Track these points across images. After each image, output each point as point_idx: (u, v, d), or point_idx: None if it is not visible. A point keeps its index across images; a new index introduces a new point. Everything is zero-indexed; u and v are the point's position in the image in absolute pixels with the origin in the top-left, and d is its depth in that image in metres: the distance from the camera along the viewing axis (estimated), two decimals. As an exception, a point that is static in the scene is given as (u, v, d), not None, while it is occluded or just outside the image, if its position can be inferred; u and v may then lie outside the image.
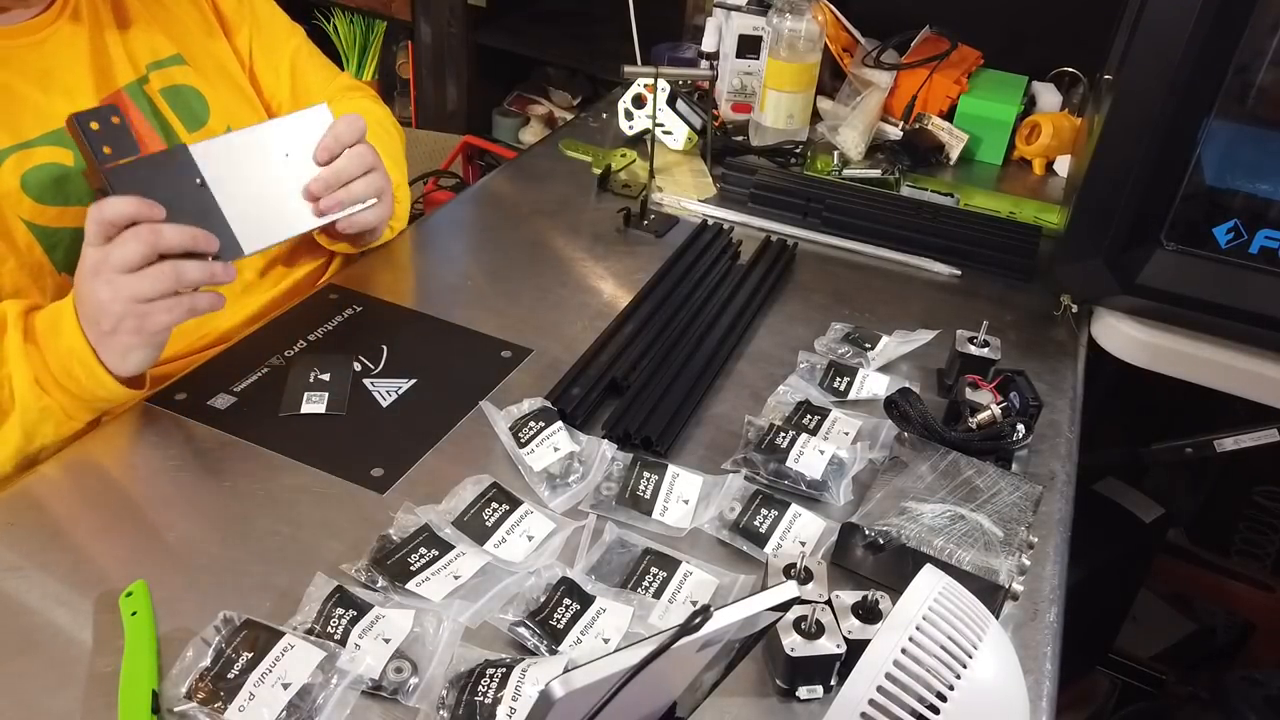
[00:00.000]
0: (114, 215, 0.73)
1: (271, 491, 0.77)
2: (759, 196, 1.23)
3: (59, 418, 0.78)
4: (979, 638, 0.54)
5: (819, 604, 0.63)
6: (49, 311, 0.78)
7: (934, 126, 1.40)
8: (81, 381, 0.77)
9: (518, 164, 1.38)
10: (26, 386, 0.76)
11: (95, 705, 0.60)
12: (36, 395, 0.76)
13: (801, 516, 0.77)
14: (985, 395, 0.83)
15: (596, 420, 0.86)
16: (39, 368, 0.76)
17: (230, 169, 0.81)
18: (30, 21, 0.85)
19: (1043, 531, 0.78)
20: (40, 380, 0.76)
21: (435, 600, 0.68)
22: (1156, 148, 0.91)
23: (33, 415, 0.77)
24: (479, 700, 0.60)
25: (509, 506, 0.76)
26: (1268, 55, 0.87)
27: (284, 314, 0.97)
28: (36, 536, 0.71)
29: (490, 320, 0.98)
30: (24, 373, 0.76)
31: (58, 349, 0.76)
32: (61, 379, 0.77)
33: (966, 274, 1.14)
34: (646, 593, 0.70)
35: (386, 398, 0.87)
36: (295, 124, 0.87)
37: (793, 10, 1.28)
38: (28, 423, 0.77)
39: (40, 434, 0.78)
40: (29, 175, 0.83)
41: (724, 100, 1.42)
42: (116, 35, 0.90)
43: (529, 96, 2.63)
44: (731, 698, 0.64)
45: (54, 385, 0.77)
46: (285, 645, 0.61)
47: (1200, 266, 0.95)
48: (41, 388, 0.76)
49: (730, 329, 0.97)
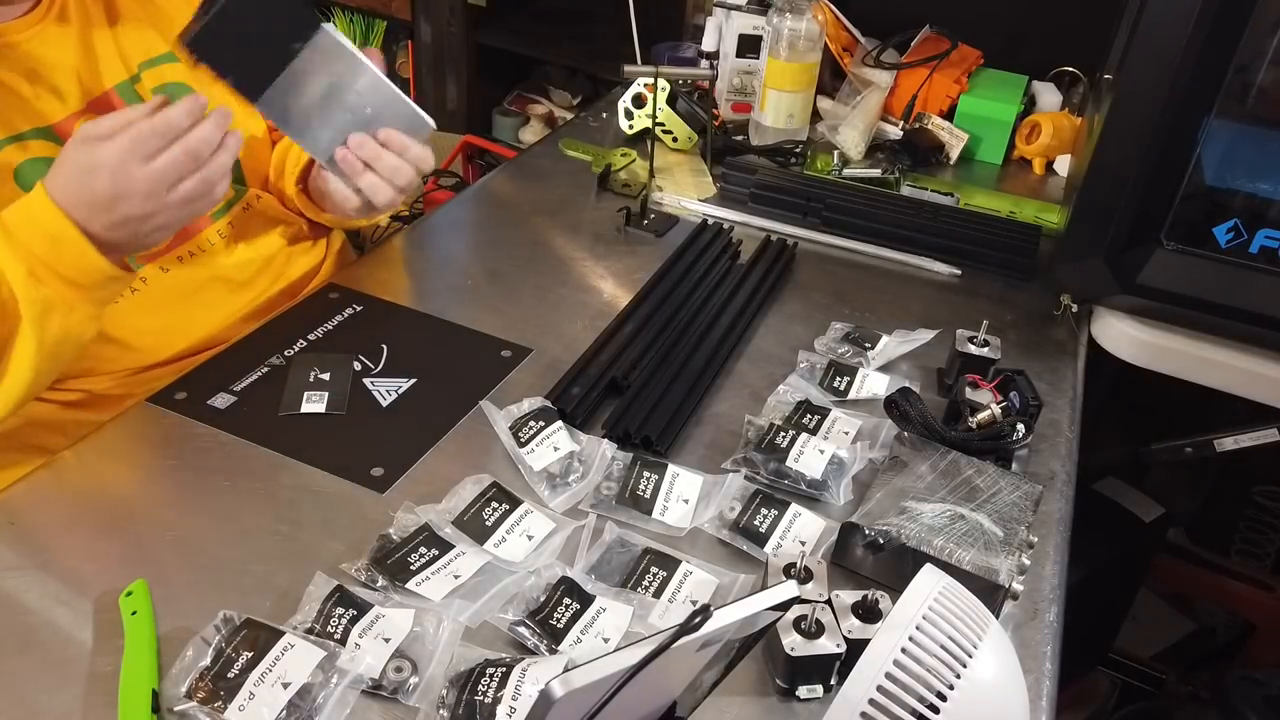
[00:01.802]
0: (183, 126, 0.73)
1: (271, 491, 0.77)
2: (759, 196, 1.23)
3: (62, 309, 0.76)
4: (979, 637, 0.54)
5: (819, 604, 0.63)
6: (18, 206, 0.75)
7: (934, 126, 1.40)
8: (72, 265, 0.75)
9: (518, 163, 1.38)
10: (22, 280, 0.74)
11: (95, 704, 0.60)
12: (34, 285, 0.74)
13: (801, 516, 0.77)
14: (985, 395, 0.83)
15: (596, 420, 0.86)
16: (30, 260, 0.74)
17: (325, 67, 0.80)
18: (15, 22, 0.84)
19: (1043, 531, 0.78)
20: (34, 272, 0.74)
21: (435, 600, 0.68)
22: (1156, 148, 0.91)
23: (36, 309, 0.75)
24: (479, 700, 0.60)
25: (509, 506, 0.76)
26: (1268, 55, 0.87)
27: (284, 313, 0.97)
28: (36, 536, 0.71)
29: (490, 320, 0.98)
30: (15, 267, 0.74)
31: (42, 236, 0.74)
32: (55, 265, 0.74)
33: (966, 274, 1.14)
34: (646, 592, 0.70)
35: (386, 397, 0.87)
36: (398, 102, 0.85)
37: (793, 10, 1.28)
38: (33, 317, 0.75)
39: (49, 328, 0.76)
40: (24, 168, 0.83)
41: (724, 100, 1.42)
42: (108, 34, 0.90)
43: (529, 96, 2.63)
44: (731, 697, 0.64)
45: (49, 274, 0.74)
46: (285, 645, 0.61)
47: (1200, 266, 0.95)
48: (37, 279, 0.74)
49: (730, 329, 0.97)
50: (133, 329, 0.91)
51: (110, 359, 0.91)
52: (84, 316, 0.78)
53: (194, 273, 0.96)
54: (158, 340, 0.93)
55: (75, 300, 0.76)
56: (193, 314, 0.96)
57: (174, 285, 0.94)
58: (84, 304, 0.77)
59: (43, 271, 0.74)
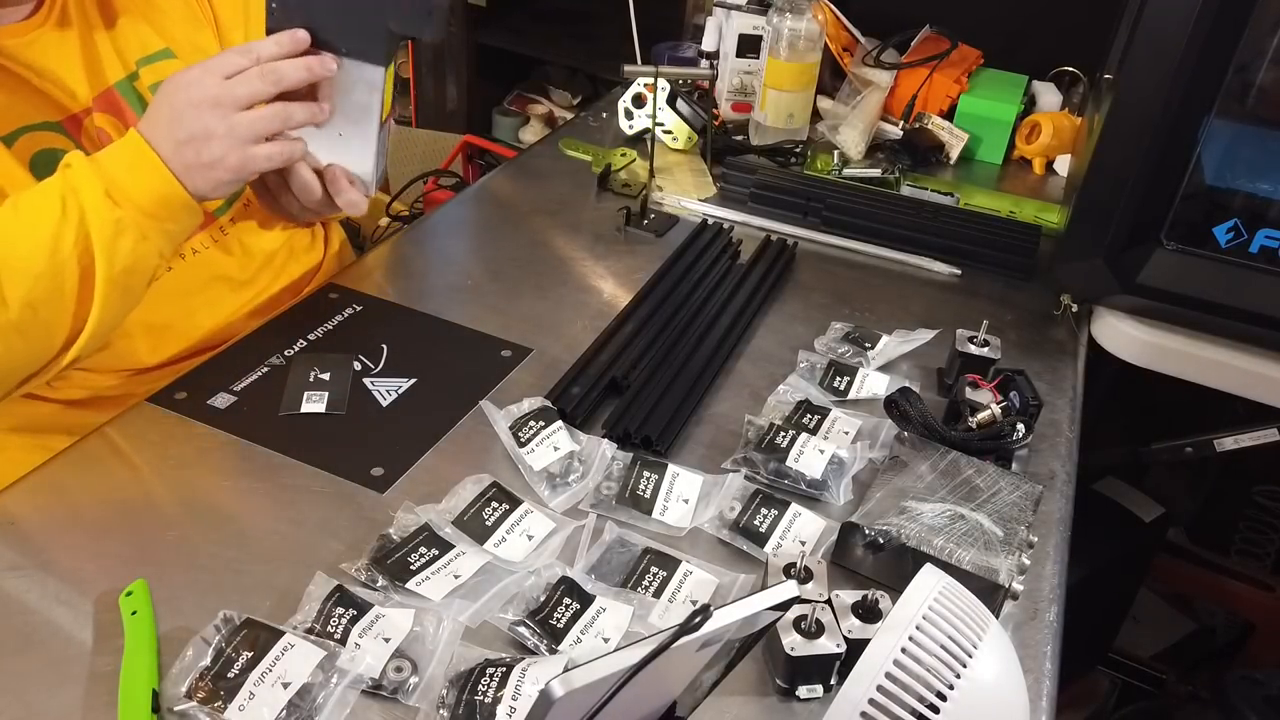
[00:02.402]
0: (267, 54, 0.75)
1: (271, 491, 0.77)
2: (759, 196, 1.23)
3: (134, 234, 0.76)
4: (979, 637, 0.54)
5: (819, 603, 0.63)
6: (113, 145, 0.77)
7: (934, 126, 1.40)
8: (156, 191, 0.75)
9: (518, 163, 1.38)
10: (99, 198, 0.74)
11: (95, 704, 0.60)
12: (109, 207, 0.74)
13: (801, 516, 0.77)
14: (985, 395, 0.83)
15: (596, 420, 0.86)
16: (109, 182, 0.75)
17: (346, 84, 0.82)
18: (18, 24, 0.85)
19: (1043, 531, 0.78)
20: (111, 193, 0.75)
21: (435, 599, 0.68)
22: (1156, 147, 0.91)
23: (108, 231, 0.75)
24: (479, 699, 0.60)
25: (509, 506, 0.76)
26: (1268, 55, 0.87)
27: (284, 313, 0.97)
28: (36, 536, 0.71)
29: (490, 320, 0.98)
30: (94, 186, 0.74)
31: (122, 160, 0.76)
32: (130, 190, 0.75)
33: (966, 273, 1.14)
34: (646, 592, 0.70)
35: (386, 397, 0.87)
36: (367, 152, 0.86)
37: (793, 10, 1.28)
38: (105, 240, 0.75)
39: (119, 251, 0.76)
40: (38, 158, 0.83)
41: (724, 100, 1.42)
42: (105, 33, 0.90)
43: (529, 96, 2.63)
44: (731, 697, 0.64)
45: (125, 198, 0.75)
46: (285, 644, 0.61)
47: (1200, 266, 0.95)
48: (113, 200, 0.75)
49: (730, 328, 0.97)
50: (136, 327, 0.91)
51: (112, 358, 0.91)
52: (155, 248, 0.78)
53: (195, 271, 0.96)
54: (160, 339, 0.93)
55: (147, 227, 0.76)
56: (194, 313, 0.96)
57: (176, 284, 0.94)
58: (155, 234, 0.77)
59: (118, 194, 0.75)
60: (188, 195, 0.77)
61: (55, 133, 0.85)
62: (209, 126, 0.75)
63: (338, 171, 0.86)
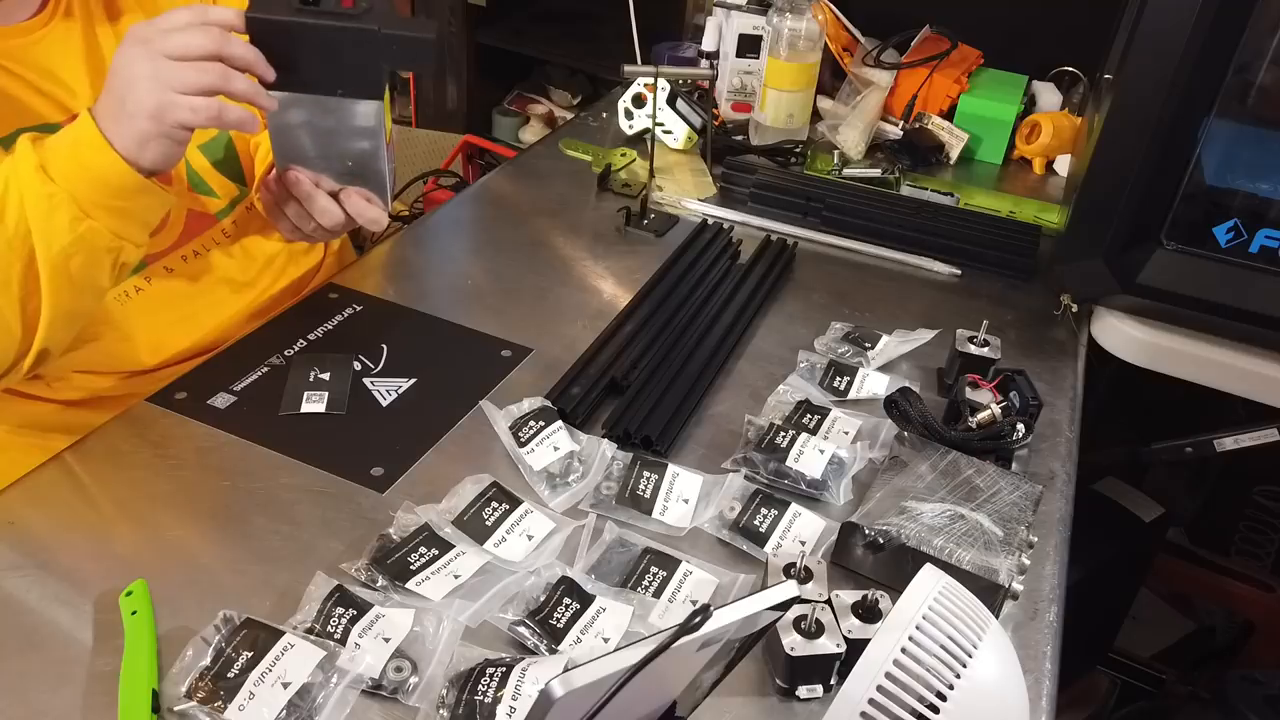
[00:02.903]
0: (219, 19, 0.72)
1: (271, 491, 0.77)
2: (759, 196, 1.23)
3: (72, 211, 0.72)
4: (979, 637, 0.54)
5: (819, 603, 0.63)
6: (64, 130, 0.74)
7: (934, 126, 1.40)
8: (90, 164, 0.71)
9: (518, 163, 1.38)
10: (32, 174, 0.71)
11: (95, 704, 0.60)
12: (42, 182, 0.71)
13: (801, 516, 0.77)
14: (985, 395, 0.83)
15: (596, 420, 0.86)
16: (44, 156, 0.71)
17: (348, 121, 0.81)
18: (26, 23, 0.85)
19: (1043, 531, 0.78)
20: (45, 167, 0.71)
21: (435, 599, 0.68)
22: (1156, 147, 0.91)
23: (41, 207, 0.71)
24: (479, 699, 0.60)
25: (509, 506, 0.76)
26: (1268, 55, 0.87)
27: (284, 313, 0.97)
28: (36, 536, 0.71)
29: (490, 320, 0.98)
30: (29, 162, 0.71)
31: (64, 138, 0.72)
32: (66, 163, 0.71)
33: (966, 273, 1.14)
34: (646, 592, 0.70)
35: (386, 397, 0.87)
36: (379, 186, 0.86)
37: (793, 9, 1.28)
38: (38, 217, 0.71)
39: (55, 230, 0.72)
40: None
41: (724, 100, 1.42)
42: (109, 29, 0.90)
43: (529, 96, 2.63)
44: (731, 697, 0.64)
45: (58, 173, 0.71)
46: (285, 644, 0.61)
47: (1200, 266, 0.95)
48: (46, 174, 0.71)
49: (730, 328, 0.97)
50: (136, 328, 0.91)
51: (113, 358, 0.91)
52: (104, 226, 0.74)
53: (197, 273, 0.96)
54: (161, 339, 0.93)
55: (86, 202, 0.72)
56: (196, 313, 0.96)
57: (178, 285, 0.94)
58: (99, 211, 0.73)
59: (52, 168, 0.71)
60: (122, 162, 0.72)
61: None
62: (135, 71, 0.70)
63: (354, 193, 0.86)
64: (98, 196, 0.73)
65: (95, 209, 0.73)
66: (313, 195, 0.85)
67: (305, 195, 0.85)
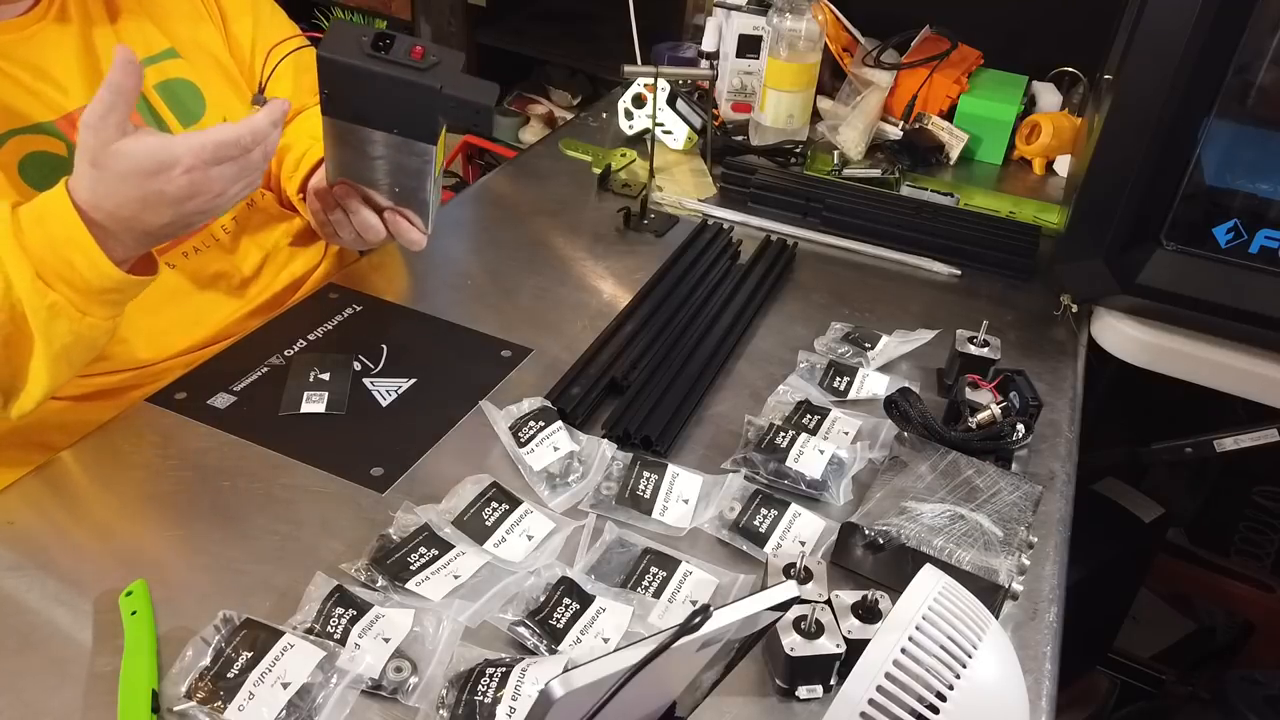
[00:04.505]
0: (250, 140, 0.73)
1: (271, 491, 0.77)
2: (759, 196, 1.23)
3: (70, 314, 0.73)
4: (979, 638, 0.54)
5: (819, 604, 0.63)
6: (34, 205, 0.73)
7: (934, 126, 1.40)
8: (82, 272, 0.72)
9: (518, 163, 1.38)
10: (28, 283, 0.71)
11: (95, 704, 0.60)
12: (41, 291, 0.72)
13: (801, 516, 0.77)
14: (985, 395, 0.83)
15: (596, 420, 0.86)
16: (38, 262, 0.72)
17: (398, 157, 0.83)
18: (16, 20, 0.85)
19: (1042, 531, 0.78)
20: (42, 274, 0.72)
21: (435, 600, 0.68)
22: (1156, 148, 0.91)
23: (42, 315, 0.72)
24: (479, 700, 0.60)
25: (509, 506, 0.76)
26: (1268, 55, 0.87)
27: (284, 313, 0.97)
28: (36, 536, 0.71)
29: (490, 320, 0.98)
30: (22, 269, 0.71)
31: (52, 239, 0.72)
32: (62, 271, 0.72)
33: (966, 274, 1.14)
34: (646, 592, 0.70)
35: (386, 397, 0.87)
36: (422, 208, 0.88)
37: (793, 10, 1.28)
38: (39, 323, 0.72)
39: (57, 334, 0.73)
40: (27, 160, 0.83)
41: (724, 100, 1.42)
42: (108, 30, 0.90)
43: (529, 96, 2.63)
44: (731, 698, 0.64)
45: (56, 278, 0.72)
46: (285, 645, 0.61)
47: (1200, 266, 0.95)
48: (45, 282, 0.72)
49: (730, 329, 0.97)
50: (139, 326, 0.91)
51: (116, 356, 0.91)
52: (97, 320, 0.76)
53: (199, 269, 0.96)
54: (164, 337, 0.93)
55: (86, 304, 0.74)
56: (198, 310, 0.96)
57: (180, 282, 0.94)
58: (97, 306, 0.75)
59: (50, 275, 0.72)
60: (121, 273, 0.74)
61: (47, 135, 0.84)
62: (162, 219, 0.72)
63: (398, 215, 0.89)
64: (96, 296, 0.75)
65: (93, 306, 0.75)
66: (359, 211, 0.88)
67: (353, 209, 0.88)
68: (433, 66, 0.77)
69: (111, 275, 0.73)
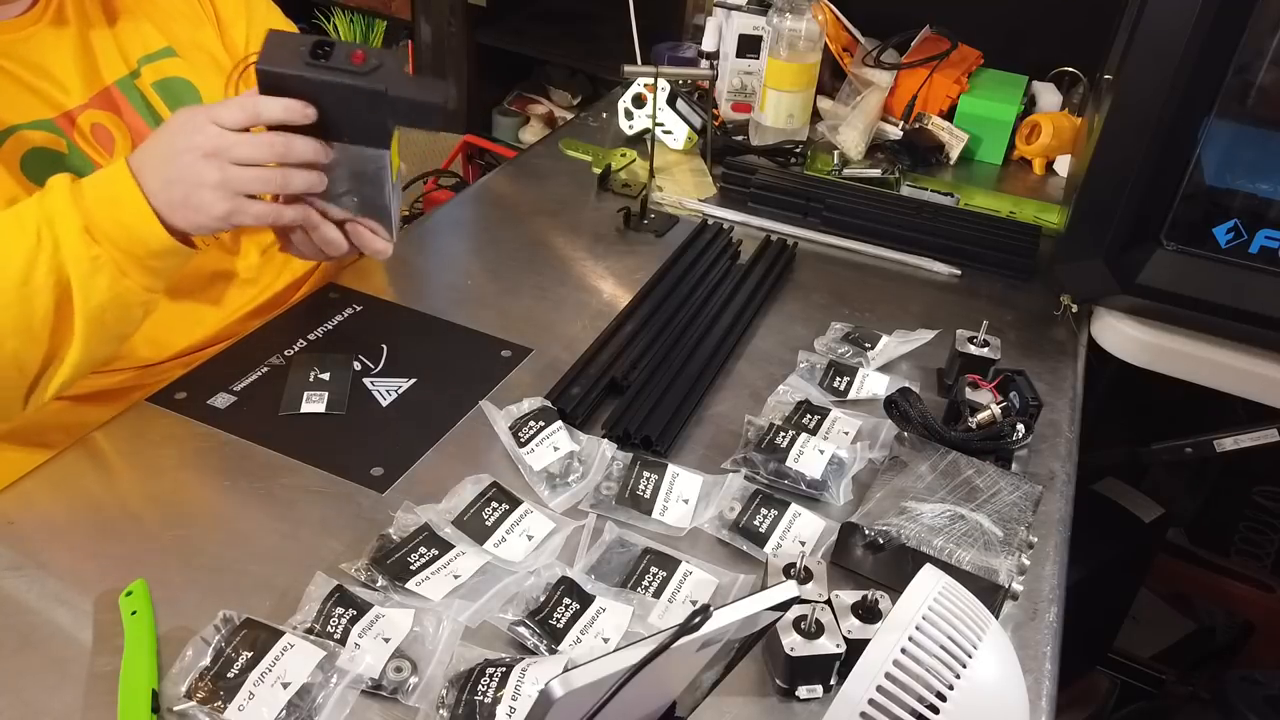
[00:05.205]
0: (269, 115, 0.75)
1: (271, 491, 0.77)
2: (759, 196, 1.23)
3: (111, 271, 0.75)
4: (979, 638, 0.54)
5: (819, 604, 0.63)
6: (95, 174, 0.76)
7: (934, 126, 1.40)
8: (129, 229, 0.74)
9: (518, 163, 1.38)
10: (75, 236, 0.73)
11: (95, 704, 0.60)
12: (87, 244, 0.73)
13: (801, 516, 0.77)
14: (985, 395, 0.83)
15: (596, 420, 0.86)
16: (88, 217, 0.74)
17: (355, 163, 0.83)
18: (14, 20, 0.85)
19: (1042, 531, 0.78)
20: (90, 229, 0.73)
21: (435, 600, 0.68)
22: (1156, 148, 0.91)
23: (84, 266, 0.73)
24: (479, 699, 0.60)
25: (509, 506, 0.76)
26: (1268, 55, 0.87)
27: (284, 313, 0.97)
28: (36, 536, 0.71)
29: (490, 320, 0.98)
30: (71, 224, 0.73)
31: (101, 198, 0.74)
32: (110, 230, 0.74)
33: (966, 274, 1.14)
34: (646, 592, 0.70)
35: (386, 397, 0.87)
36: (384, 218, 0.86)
37: (793, 10, 1.28)
38: (80, 276, 0.73)
39: (95, 289, 0.74)
40: (28, 156, 0.83)
41: (724, 100, 1.42)
42: (106, 30, 0.90)
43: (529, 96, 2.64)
44: (731, 697, 0.64)
45: (103, 237, 0.74)
46: (285, 644, 0.61)
47: (1200, 266, 0.95)
48: (91, 237, 0.73)
49: (730, 329, 0.97)
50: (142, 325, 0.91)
51: (119, 356, 0.91)
52: (139, 284, 0.77)
53: (199, 269, 0.96)
54: (164, 337, 0.93)
55: (126, 264, 0.75)
56: (198, 310, 0.96)
57: (182, 281, 0.94)
58: (136, 270, 0.76)
59: (97, 231, 0.74)
60: (168, 235, 0.75)
61: (47, 131, 0.84)
62: (202, 174, 0.74)
63: (361, 226, 0.87)
64: (138, 258, 0.76)
65: (133, 268, 0.76)
66: (319, 226, 0.86)
67: (312, 226, 0.86)
68: (375, 69, 0.76)
69: (157, 235, 0.75)
